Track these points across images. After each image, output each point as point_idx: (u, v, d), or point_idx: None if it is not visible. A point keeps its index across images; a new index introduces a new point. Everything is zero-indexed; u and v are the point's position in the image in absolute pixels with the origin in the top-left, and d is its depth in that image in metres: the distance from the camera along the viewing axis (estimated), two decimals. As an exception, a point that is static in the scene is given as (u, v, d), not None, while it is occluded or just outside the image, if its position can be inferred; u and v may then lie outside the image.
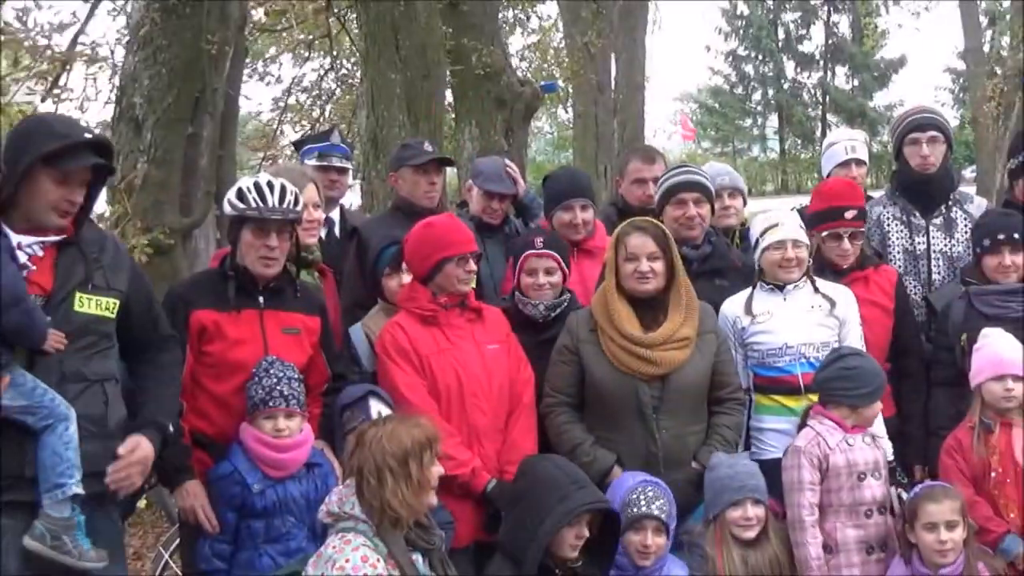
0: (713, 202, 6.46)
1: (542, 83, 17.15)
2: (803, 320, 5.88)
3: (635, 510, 5.21)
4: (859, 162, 7.14)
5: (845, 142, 7.24)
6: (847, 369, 5.53)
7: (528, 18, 21.45)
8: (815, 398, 5.68)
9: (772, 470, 5.52)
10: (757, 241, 6.04)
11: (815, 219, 6.28)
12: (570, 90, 22.62)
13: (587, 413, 5.70)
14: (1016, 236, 6.03)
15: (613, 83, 24.41)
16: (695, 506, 5.61)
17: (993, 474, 5.54)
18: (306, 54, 20.03)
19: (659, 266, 5.61)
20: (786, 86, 60.80)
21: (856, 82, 59.95)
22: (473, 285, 5.85)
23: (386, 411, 5.16)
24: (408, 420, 4.45)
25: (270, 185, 5.25)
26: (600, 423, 5.64)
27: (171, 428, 4.87)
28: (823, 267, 6.22)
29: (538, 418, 5.77)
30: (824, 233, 6.21)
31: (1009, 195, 6.93)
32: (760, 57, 60.45)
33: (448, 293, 5.65)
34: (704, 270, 6.24)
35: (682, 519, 5.58)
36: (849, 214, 6.20)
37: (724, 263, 6.36)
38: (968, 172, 47.92)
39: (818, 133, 55.47)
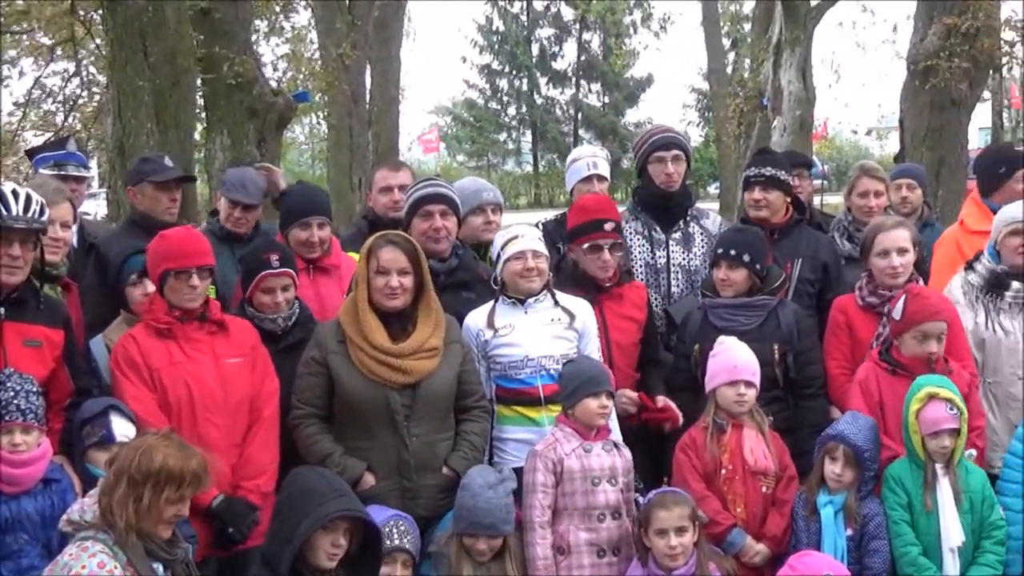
0: (459, 215, 6.55)
1: (294, 92, 17.02)
2: (543, 333, 6.01)
3: (387, 543, 5.26)
4: (601, 178, 7.33)
5: (587, 158, 7.44)
6: (559, 377, 5.80)
7: (282, 28, 21.27)
8: (556, 409, 5.84)
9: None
10: (499, 254, 6.15)
11: (576, 233, 6.42)
12: (324, 101, 22.51)
13: (337, 423, 5.70)
14: (732, 253, 6.32)
15: (368, 95, 24.43)
16: (445, 512, 5.68)
17: (723, 471, 5.84)
18: (49, 58, 19.41)
19: (408, 281, 5.67)
20: (540, 102, 61.79)
21: (607, 99, 61.40)
22: (213, 296, 5.81)
23: (128, 426, 5.10)
24: (186, 449, 4.43)
25: (15, 193, 5.14)
26: (351, 432, 5.65)
27: None
28: (584, 283, 6.39)
29: (286, 429, 5.74)
30: (585, 246, 6.35)
31: (743, 212, 7.25)
32: (515, 72, 61.31)
33: (178, 306, 5.61)
34: (451, 283, 6.32)
35: (432, 524, 5.67)
36: (608, 226, 6.36)
37: (470, 276, 6.45)
38: (712, 188, 49.84)
39: (571, 148, 56.50)
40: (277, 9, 20.83)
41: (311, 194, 6.90)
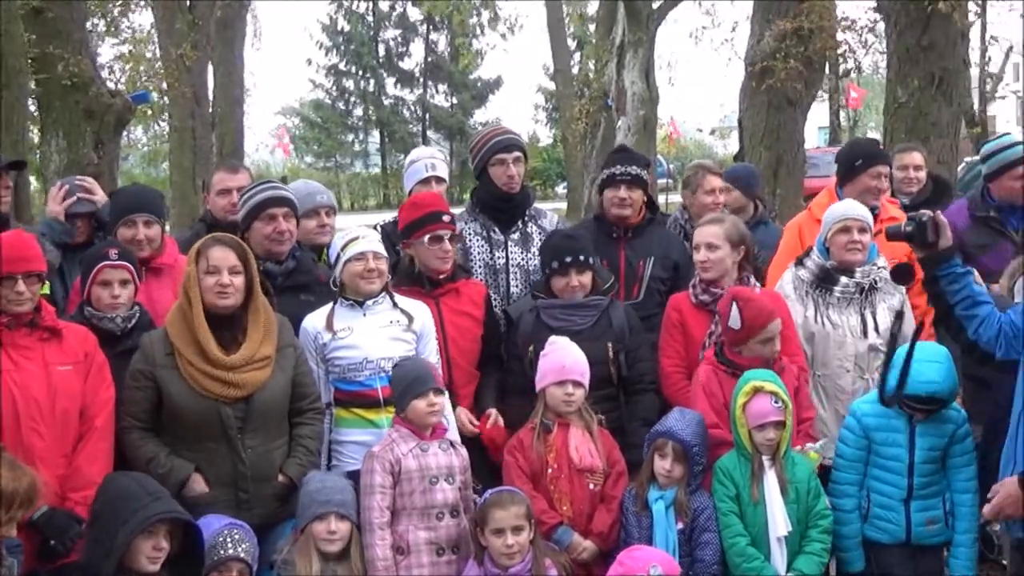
0: (298, 217, 6.52)
1: (133, 93, 16.70)
2: (382, 335, 6.01)
3: (222, 552, 5.22)
4: (439, 179, 7.32)
5: (426, 160, 7.42)
6: (390, 380, 5.82)
7: (117, 28, 20.83)
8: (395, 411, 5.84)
9: (355, 482, 5.62)
10: (338, 256, 6.12)
11: (413, 227, 6.42)
12: (166, 102, 22.13)
13: (168, 435, 5.57)
14: (582, 258, 6.39)
15: (211, 96, 24.11)
16: (280, 520, 5.66)
17: (550, 470, 5.91)
18: None
19: (239, 281, 5.60)
20: (387, 102, 61.63)
21: (455, 100, 61.53)
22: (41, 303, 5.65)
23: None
24: (17, 468, 4.34)
25: None
26: (183, 445, 5.54)
27: None
28: (420, 280, 6.40)
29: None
30: (426, 237, 6.36)
31: (599, 210, 7.33)
32: (361, 73, 61.03)
33: (5, 312, 5.43)
34: (289, 285, 6.29)
35: (267, 533, 5.61)
36: (445, 217, 6.42)
37: (309, 278, 6.41)
38: (561, 188, 50.31)
39: (421, 149, 56.39)
40: (116, 11, 20.41)
41: (138, 192, 6.80)
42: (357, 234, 6.15)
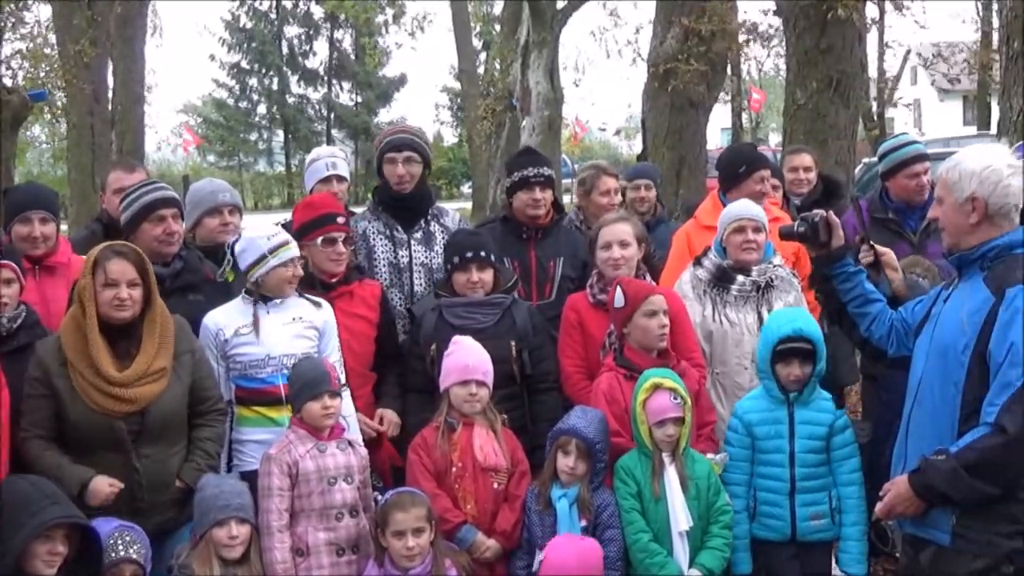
0: (184, 217, 6.49)
1: (30, 91, 16.41)
2: (285, 332, 5.98)
3: (114, 555, 5.16)
4: (340, 178, 7.39)
5: (326, 159, 7.47)
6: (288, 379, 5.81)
7: (15, 24, 20.44)
8: (292, 410, 5.83)
9: (254, 482, 5.60)
10: (264, 256, 6.00)
11: (307, 228, 6.41)
12: (63, 100, 21.75)
13: (65, 443, 5.46)
14: (483, 254, 6.43)
15: (111, 93, 23.73)
16: (175, 527, 5.61)
17: (454, 469, 5.92)
18: None
19: (137, 293, 5.50)
20: (291, 100, 61.19)
21: (360, 98, 61.24)
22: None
23: None
24: None
25: None
26: (78, 454, 5.43)
27: None
28: (312, 283, 6.36)
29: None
30: (319, 239, 6.35)
31: (507, 211, 7.35)
32: (264, 71, 60.51)
33: None
34: (177, 286, 6.21)
35: (167, 537, 5.57)
36: (340, 219, 6.43)
37: (197, 277, 6.35)
38: (466, 188, 50.34)
39: (326, 148, 56.13)
40: (13, 6, 20.03)
41: (33, 190, 6.74)
42: (286, 238, 6.09)
